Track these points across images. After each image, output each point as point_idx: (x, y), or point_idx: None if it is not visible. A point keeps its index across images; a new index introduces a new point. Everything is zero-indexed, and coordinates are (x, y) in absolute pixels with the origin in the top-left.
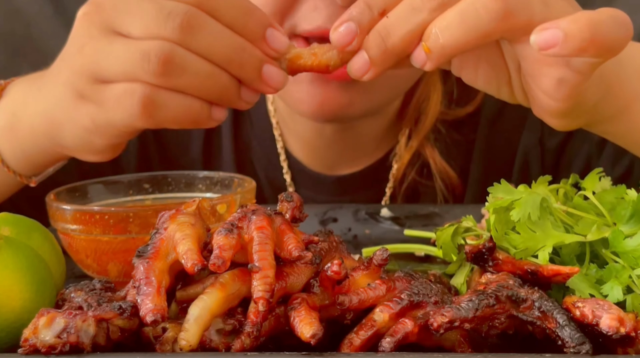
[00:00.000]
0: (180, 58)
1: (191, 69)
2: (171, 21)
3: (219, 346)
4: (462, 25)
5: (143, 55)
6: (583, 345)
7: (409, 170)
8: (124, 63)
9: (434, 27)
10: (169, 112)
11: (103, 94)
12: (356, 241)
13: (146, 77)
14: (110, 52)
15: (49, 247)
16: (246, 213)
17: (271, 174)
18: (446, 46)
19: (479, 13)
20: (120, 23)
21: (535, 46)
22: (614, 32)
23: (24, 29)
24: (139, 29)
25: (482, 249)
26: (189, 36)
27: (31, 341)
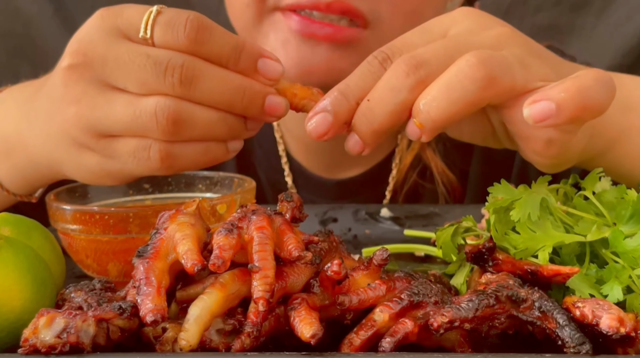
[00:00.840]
0: (187, 113)
1: (199, 120)
2: (169, 76)
3: (219, 346)
4: (449, 99)
5: (150, 116)
6: (583, 345)
7: (410, 173)
8: (130, 121)
9: (421, 103)
10: (188, 159)
11: (111, 148)
12: (356, 241)
13: (158, 136)
14: (111, 110)
15: (49, 247)
16: (246, 213)
17: (272, 176)
18: (437, 120)
19: (463, 84)
20: (115, 78)
21: (529, 120)
22: (601, 95)
23: (24, 29)
24: (136, 85)
25: (482, 249)
26: (191, 89)
27: (31, 341)
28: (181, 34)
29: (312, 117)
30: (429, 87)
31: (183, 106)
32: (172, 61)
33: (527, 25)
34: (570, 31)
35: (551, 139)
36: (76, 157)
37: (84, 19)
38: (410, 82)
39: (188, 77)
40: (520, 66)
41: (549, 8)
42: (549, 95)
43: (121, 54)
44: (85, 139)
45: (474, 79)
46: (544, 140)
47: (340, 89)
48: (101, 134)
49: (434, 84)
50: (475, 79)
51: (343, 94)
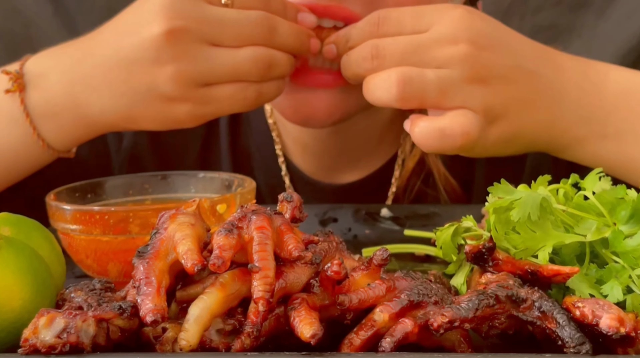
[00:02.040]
0: (275, 58)
1: (281, 63)
2: (260, 28)
3: (219, 346)
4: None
5: (250, 62)
6: (583, 345)
7: (414, 179)
8: (232, 69)
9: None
10: (269, 96)
11: (210, 94)
12: (356, 241)
13: (255, 78)
14: (213, 62)
15: (49, 247)
16: (246, 213)
17: (270, 179)
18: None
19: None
20: (213, 36)
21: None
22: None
23: (24, 29)
24: (232, 38)
25: (482, 249)
26: (275, 37)
27: (31, 341)
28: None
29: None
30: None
31: (272, 51)
32: (258, 17)
33: (527, 25)
34: (570, 31)
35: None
36: (162, 109)
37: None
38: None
39: (272, 27)
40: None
41: (549, 8)
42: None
43: (215, 14)
44: (182, 93)
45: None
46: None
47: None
48: (200, 85)
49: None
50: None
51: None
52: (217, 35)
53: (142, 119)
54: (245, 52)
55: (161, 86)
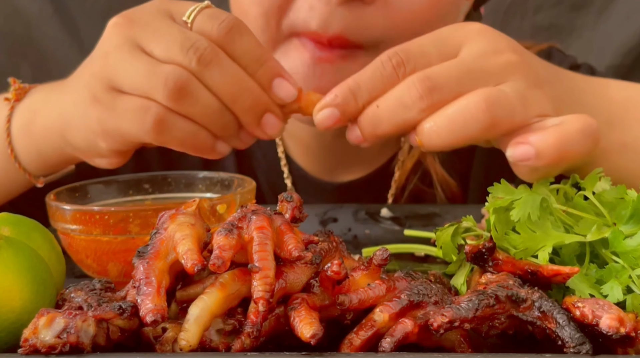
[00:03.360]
0: (194, 88)
1: (201, 100)
2: (192, 52)
3: (219, 346)
4: (450, 131)
5: (161, 77)
6: (583, 345)
7: (412, 178)
8: (142, 80)
9: (425, 126)
10: (177, 134)
11: (116, 102)
12: (356, 241)
13: (161, 99)
14: (130, 65)
15: (49, 247)
16: (246, 213)
17: (272, 180)
18: (437, 145)
19: (467, 122)
20: (147, 41)
21: (511, 159)
22: (581, 145)
23: (24, 29)
24: (162, 51)
25: (482, 249)
26: (205, 69)
27: (31, 341)
28: (215, 26)
29: (321, 110)
30: (436, 114)
31: (193, 80)
32: (199, 42)
33: (527, 25)
34: (570, 31)
35: (536, 169)
36: (84, 112)
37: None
38: (422, 105)
39: (206, 59)
40: (521, 105)
41: (549, 8)
42: (530, 140)
43: (161, 26)
44: (99, 90)
45: (478, 121)
46: (529, 168)
47: (351, 87)
48: (113, 87)
49: (440, 113)
50: (479, 121)
51: (353, 94)
52: (151, 42)
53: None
54: (163, 68)
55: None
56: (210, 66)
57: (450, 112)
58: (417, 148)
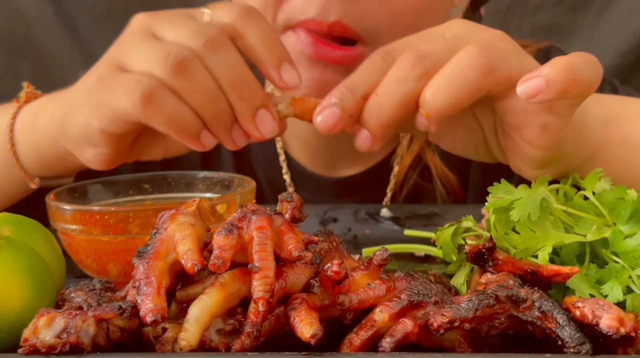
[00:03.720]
0: (194, 67)
1: (198, 80)
2: (200, 36)
3: (219, 346)
4: (453, 87)
5: (164, 53)
6: (583, 345)
7: (410, 173)
8: (146, 57)
9: (426, 93)
10: (164, 110)
11: (117, 79)
12: (356, 241)
13: (158, 72)
14: (139, 46)
15: (49, 247)
16: (246, 213)
17: (271, 175)
18: (442, 108)
19: (465, 72)
20: (160, 28)
21: (522, 96)
22: (588, 72)
23: (24, 29)
24: (172, 35)
25: (482, 249)
26: (209, 52)
27: (31, 341)
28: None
29: (321, 112)
30: (434, 78)
31: (195, 59)
32: (208, 28)
33: (527, 25)
34: (570, 31)
35: (546, 124)
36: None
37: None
38: (417, 72)
39: (213, 43)
40: (514, 57)
41: (549, 8)
42: (538, 72)
43: (180, 18)
44: (106, 71)
45: (475, 67)
46: (539, 126)
47: (346, 84)
48: (119, 67)
49: (438, 75)
50: (476, 66)
51: (349, 89)
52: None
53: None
54: (167, 45)
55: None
56: (215, 50)
57: (447, 70)
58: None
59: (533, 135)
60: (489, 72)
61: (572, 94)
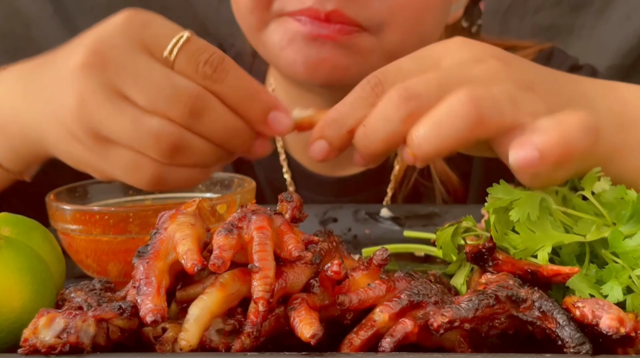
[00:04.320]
0: (187, 142)
1: (195, 150)
2: (182, 103)
3: (219, 346)
4: (439, 135)
5: (153, 135)
6: (583, 345)
7: (410, 172)
8: (131, 134)
9: (413, 135)
10: (174, 182)
11: (106, 152)
12: (356, 241)
13: (155, 156)
14: (115, 117)
15: (49, 247)
16: (246, 213)
17: (271, 175)
18: (428, 153)
19: (453, 122)
20: (128, 88)
21: (514, 165)
22: (582, 141)
23: (24, 29)
24: (146, 100)
25: (482, 249)
26: (196, 121)
27: (31, 341)
28: (201, 67)
29: (312, 144)
30: (421, 122)
31: (185, 134)
32: (188, 89)
33: (527, 25)
34: (570, 31)
35: (537, 174)
36: (68, 146)
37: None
38: (401, 114)
39: (198, 109)
40: (509, 103)
41: (549, 8)
42: (532, 141)
43: (141, 67)
44: (81, 136)
45: (464, 118)
46: (530, 174)
47: (334, 116)
48: (99, 137)
49: (425, 119)
50: (465, 117)
51: (336, 123)
52: (132, 88)
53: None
54: (152, 122)
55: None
56: (202, 115)
57: (434, 115)
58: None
59: (524, 179)
60: (479, 124)
61: (565, 164)
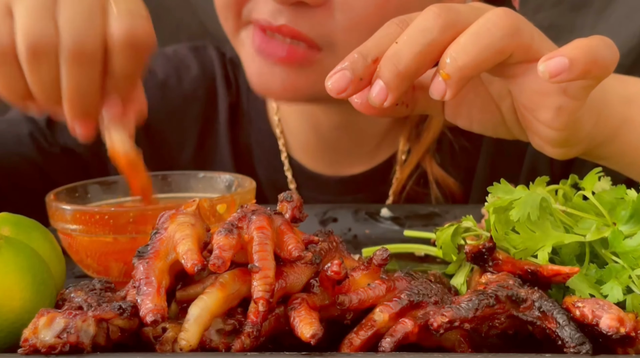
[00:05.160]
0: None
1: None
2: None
3: (219, 346)
4: (478, 45)
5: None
6: (583, 345)
7: (409, 181)
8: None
9: (449, 52)
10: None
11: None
12: (356, 241)
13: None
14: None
15: (49, 247)
16: (246, 213)
17: (272, 175)
18: (464, 67)
19: (491, 31)
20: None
21: (545, 74)
22: (607, 54)
23: None
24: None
25: (482, 249)
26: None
27: (31, 341)
28: None
29: (332, 76)
30: (458, 37)
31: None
32: None
33: None
34: (570, 31)
35: (561, 106)
36: None
37: None
38: (441, 22)
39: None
40: (536, 32)
41: (549, 8)
42: (562, 52)
43: None
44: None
45: (502, 26)
46: (553, 107)
47: (358, 49)
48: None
49: (462, 34)
50: (502, 26)
51: (360, 54)
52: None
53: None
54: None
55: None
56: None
57: (473, 28)
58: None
59: (548, 117)
60: (515, 33)
61: (592, 75)
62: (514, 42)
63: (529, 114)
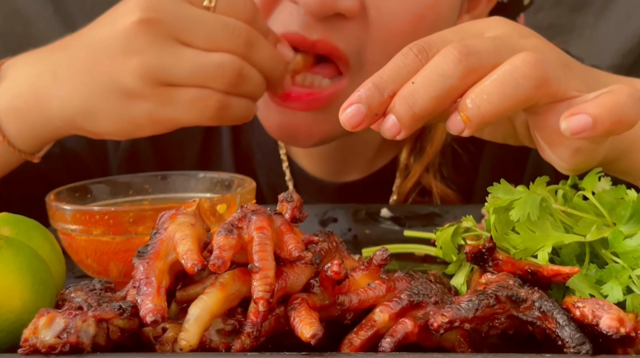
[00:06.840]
0: (247, 70)
1: (254, 80)
2: (236, 37)
3: (219, 346)
4: (502, 94)
5: (217, 67)
6: (583, 345)
7: (412, 192)
8: (196, 72)
9: (470, 96)
10: (234, 113)
11: (170, 95)
12: (356, 241)
13: (220, 86)
14: (178, 60)
15: (49, 247)
16: (246, 213)
17: (273, 180)
18: (487, 115)
19: (518, 81)
20: (185, 34)
21: (567, 132)
22: (633, 111)
23: (24, 29)
24: (204, 41)
25: (482, 249)
26: (251, 51)
27: (31, 341)
28: (241, 9)
29: (346, 108)
30: (481, 81)
31: (245, 64)
32: (238, 25)
33: (527, 25)
34: (570, 31)
35: (579, 148)
36: (121, 106)
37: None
38: (462, 69)
39: (250, 41)
40: (563, 71)
41: (549, 8)
42: (586, 109)
43: (192, 14)
44: (142, 88)
45: (529, 78)
46: (572, 148)
47: (375, 81)
48: (162, 83)
49: (486, 79)
50: (530, 77)
51: (377, 87)
52: (189, 34)
53: (99, 116)
54: (214, 57)
55: (123, 79)
56: (254, 47)
57: (498, 75)
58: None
59: (565, 154)
60: (543, 85)
61: (615, 133)
62: (540, 93)
63: (545, 146)
